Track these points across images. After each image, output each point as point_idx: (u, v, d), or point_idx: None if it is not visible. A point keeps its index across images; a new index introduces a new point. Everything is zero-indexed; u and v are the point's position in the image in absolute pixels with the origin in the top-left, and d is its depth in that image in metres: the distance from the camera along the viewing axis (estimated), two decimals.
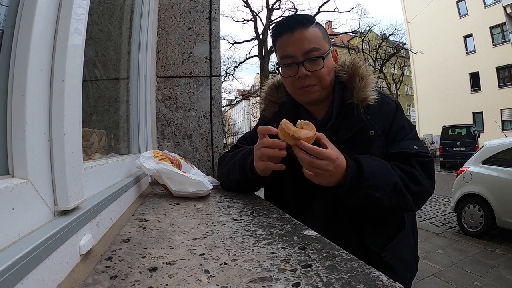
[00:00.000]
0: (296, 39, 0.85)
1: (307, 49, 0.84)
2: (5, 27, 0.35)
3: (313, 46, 0.85)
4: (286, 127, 0.74)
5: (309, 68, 0.85)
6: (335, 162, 0.72)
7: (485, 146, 4.31)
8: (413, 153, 0.83)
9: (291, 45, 0.86)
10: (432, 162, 0.86)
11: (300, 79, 0.86)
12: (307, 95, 0.89)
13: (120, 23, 1.28)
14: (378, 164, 0.78)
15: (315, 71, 0.85)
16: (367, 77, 0.89)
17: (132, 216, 0.67)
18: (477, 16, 17.96)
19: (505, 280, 2.82)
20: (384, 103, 0.90)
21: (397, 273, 0.83)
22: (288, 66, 0.88)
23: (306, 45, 0.84)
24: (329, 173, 0.73)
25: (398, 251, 0.85)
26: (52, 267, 0.33)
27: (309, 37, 0.85)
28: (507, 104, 16.75)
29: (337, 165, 0.72)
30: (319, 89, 0.88)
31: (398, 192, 0.77)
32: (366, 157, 0.78)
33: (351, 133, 0.86)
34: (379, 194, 0.75)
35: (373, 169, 0.75)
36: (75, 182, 0.40)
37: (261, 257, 0.44)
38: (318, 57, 0.85)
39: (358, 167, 0.75)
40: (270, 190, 1.03)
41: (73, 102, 0.41)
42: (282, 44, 0.88)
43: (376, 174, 0.75)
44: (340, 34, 21.09)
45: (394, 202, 0.78)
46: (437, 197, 6.53)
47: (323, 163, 0.71)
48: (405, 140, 0.87)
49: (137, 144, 1.18)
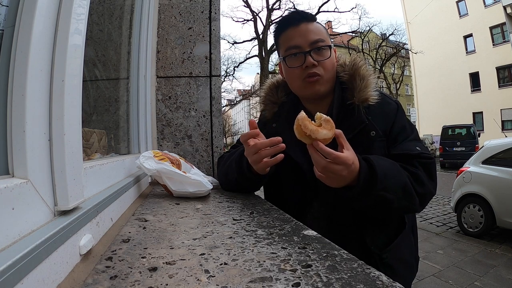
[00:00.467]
0: (302, 31, 0.87)
1: (313, 40, 0.87)
2: (5, 27, 0.35)
3: (319, 38, 0.87)
4: (303, 125, 0.64)
5: (316, 58, 0.87)
6: (350, 167, 0.69)
7: (485, 146, 4.31)
8: (415, 155, 0.83)
9: (297, 36, 0.88)
10: (434, 163, 0.86)
11: (306, 69, 0.87)
12: (312, 86, 0.88)
13: (120, 23, 1.28)
14: (389, 165, 0.77)
15: (322, 61, 0.87)
16: (368, 77, 0.89)
17: (132, 216, 0.67)
18: (477, 16, 17.96)
19: (505, 280, 2.82)
20: (385, 103, 0.90)
21: (398, 274, 0.83)
22: (294, 56, 0.89)
23: (312, 36, 0.87)
24: (342, 177, 0.70)
25: (399, 252, 0.85)
26: (52, 267, 0.33)
27: (314, 30, 0.87)
28: (507, 104, 16.75)
29: (352, 170, 0.70)
30: (324, 81, 0.88)
31: (408, 193, 0.76)
32: (377, 158, 0.77)
33: (352, 134, 0.85)
34: (390, 196, 0.74)
35: (384, 171, 0.74)
36: (75, 182, 0.40)
37: (261, 257, 0.44)
38: (325, 46, 0.87)
39: (370, 169, 0.74)
40: (270, 190, 1.03)
41: (73, 102, 0.41)
42: (287, 37, 0.90)
43: (388, 175, 0.74)
44: (340, 34, 21.08)
45: (403, 203, 0.77)
46: (437, 197, 6.53)
47: (338, 168, 0.68)
48: (407, 141, 0.86)
49: (137, 144, 1.18)
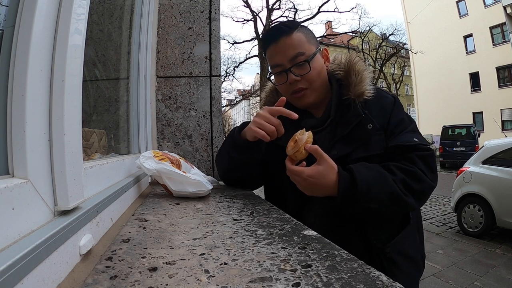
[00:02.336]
0: (281, 48, 0.88)
1: (292, 56, 0.87)
2: (5, 27, 0.35)
3: (297, 52, 0.87)
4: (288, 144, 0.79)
5: (297, 73, 0.88)
6: (306, 180, 0.75)
7: (485, 146, 4.31)
8: (413, 146, 0.83)
9: (277, 54, 0.89)
10: (433, 155, 0.86)
11: (291, 85, 0.89)
12: (301, 100, 0.91)
13: (120, 23, 1.28)
14: (373, 174, 0.77)
15: (304, 75, 0.87)
16: (362, 72, 0.90)
17: (132, 216, 0.67)
18: (477, 16, 17.96)
19: (505, 280, 2.82)
20: (381, 97, 0.90)
21: (402, 270, 0.82)
22: (278, 74, 0.91)
23: (291, 52, 0.87)
24: (302, 187, 0.77)
25: (402, 247, 0.84)
26: (52, 267, 0.33)
27: (293, 44, 0.87)
28: (507, 104, 16.75)
29: (310, 182, 0.75)
30: (311, 92, 0.90)
31: (396, 200, 0.77)
32: (361, 168, 0.78)
33: (349, 128, 0.86)
34: (374, 206, 0.75)
35: (367, 181, 0.74)
36: (75, 182, 0.40)
37: (261, 257, 0.44)
38: (304, 61, 0.87)
39: (351, 180, 0.75)
40: (270, 189, 1.03)
41: (73, 102, 0.41)
42: (270, 55, 0.92)
43: (371, 186, 0.74)
44: (340, 34, 21.10)
45: (391, 209, 0.78)
46: (437, 197, 6.53)
47: (296, 178, 0.77)
48: (404, 133, 0.86)
49: (137, 144, 1.18)
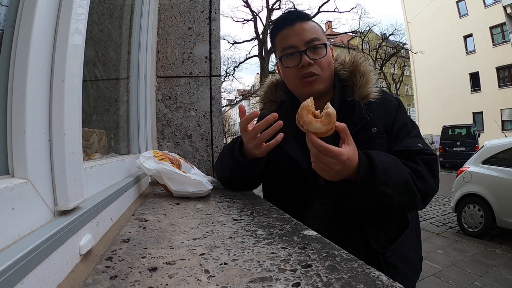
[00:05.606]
0: (297, 30, 0.87)
1: (308, 39, 0.86)
2: (5, 27, 0.35)
3: (314, 36, 0.87)
4: (301, 114, 0.66)
5: (311, 57, 0.87)
6: (343, 163, 0.68)
7: (485, 146, 4.31)
8: (417, 151, 0.83)
9: (292, 36, 0.88)
10: (436, 160, 0.86)
11: (303, 68, 0.87)
12: (310, 86, 0.88)
13: (120, 23, 1.28)
14: (390, 161, 0.77)
15: (318, 60, 0.87)
16: (368, 74, 0.89)
17: (132, 216, 0.67)
18: (477, 16, 17.96)
19: (505, 280, 2.82)
20: (385, 100, 0.90)
21: (401, 273, 0.82)
22: (290, 56, 0.89)
23: (307, 35, 0.87)
24: (334, 171, 0.70)
25: (402, 251, 0.84)
26: (52, 267, 0.33)
27: (310, 29, 0.87)
28: (507, 104, 16.75)
29: (346, 165, 0.69)
30: (322, 80, 0.88)
31: (409, 189, 0.76)
32: (378, 153, 0.77)
33: (354, 131, 0.84)
34: (390, 191, 0.73)
35: (385, 166, 0.74)
36: (75, 182, 0.40)
37: (261, 257, 0.44)
38: (321, 44, 0.87)
39: (370, 163, 0.74)
40: (269, 189, 1.02)
41: (73, 102, 0.41)
42: (283, 37, 0.90)
43: (388, 171, 0.74)
44: (340, 34, 21.08)
45: (404, 200, 0.77)
46: (437, 197, 6.53)
47: (329, 161, 0.68)
48: (408, 138, 0.86)
49: (137, 144, 1.18)
